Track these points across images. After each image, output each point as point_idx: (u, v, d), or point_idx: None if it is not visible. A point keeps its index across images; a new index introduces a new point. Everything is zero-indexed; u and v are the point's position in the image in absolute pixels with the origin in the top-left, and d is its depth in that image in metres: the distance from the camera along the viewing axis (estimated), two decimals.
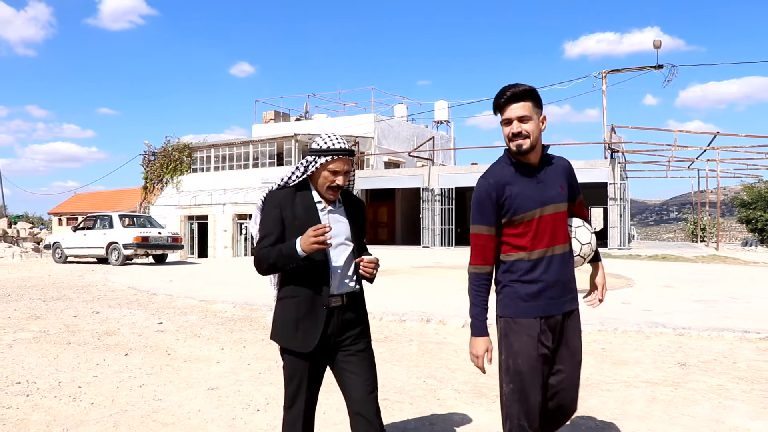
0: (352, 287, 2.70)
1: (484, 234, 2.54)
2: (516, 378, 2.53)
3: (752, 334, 6.97)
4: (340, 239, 2.67)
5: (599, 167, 22.27)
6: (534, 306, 2.53)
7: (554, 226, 2.56)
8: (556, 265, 2.55)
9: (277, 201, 2.64)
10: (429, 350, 6.36)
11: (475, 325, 2.58)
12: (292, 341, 2.61)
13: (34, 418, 4.12)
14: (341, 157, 2.62)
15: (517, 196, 2.51)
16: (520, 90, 2.49)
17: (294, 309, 2.62)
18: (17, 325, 7.65)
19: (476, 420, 4.15)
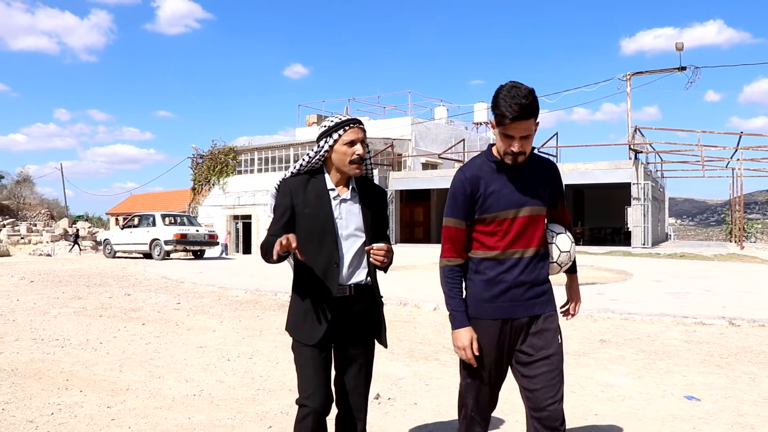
0: (362, 278, 2.63)
1: (455, 227, 2.51)
2: (472, 373, 2.55)
3: (690, 319, 7.98)
4: (350, 230, 2.62)
5: (623, 167, 22.97)
6: (496, 307, 2.49)
7: (528, 228, 2.49)
8: (524, 267, 2.49)
9: (288, 188, 2.61)
10: (392, 326, 7.63)
11: (456, 317, 2.52)
12: (299, 332, 2.61)
13: (65, 360, 5.67)
14: (352, 126, 2.57)
15: (492, 194, 2.47)
16: (529, 104, 2.35)
17: (303, 300, 2.61)
18: (63, 303, 9.41)
19: (397, 373, 5.42)
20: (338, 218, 2.61)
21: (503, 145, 2.43)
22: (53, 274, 14.46)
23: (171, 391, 4.71)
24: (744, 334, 7.21)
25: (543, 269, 2.55)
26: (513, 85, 2.38)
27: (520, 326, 2.50)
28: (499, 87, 2.40)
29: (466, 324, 2.50)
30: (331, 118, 2.64)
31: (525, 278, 2.49)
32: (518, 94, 2.33)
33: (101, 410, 4.22)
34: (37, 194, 51.16)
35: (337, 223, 2.60)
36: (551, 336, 2.52)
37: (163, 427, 3.90)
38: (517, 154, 2.42)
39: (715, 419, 4.18)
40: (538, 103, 2.40)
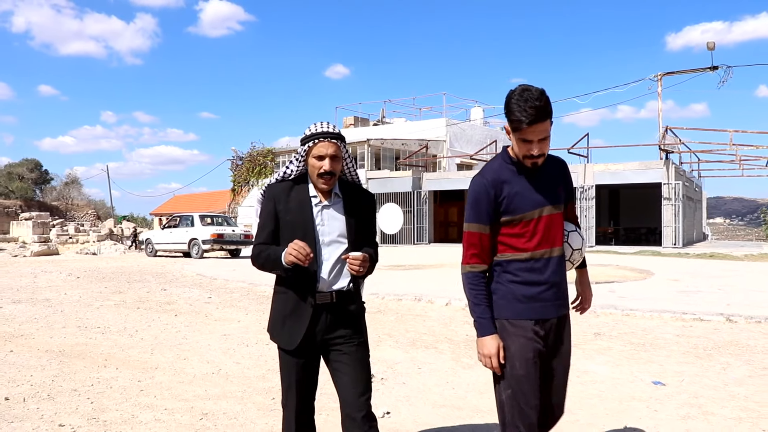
0: (343, 285, 2.64)
1: (480, 233, 2.49)
2: (513, 382, 2.47)
3: (688, 315, 8.39)
4: (332, 236, 2.63)
5: (654, 168, 23.10)
6: (531, 308, 2.48)
7: (551, 228, 2.51)
8: (553, 267, 2.51)
9: (272, 194, 2.64)
10: (403, 319, 8.29)
11: (482, 324, 2.49)
12: (278, 337, 2.66)
13: (104, 344, 6.51)
14: (323, 140, 2.56)
15: (516, 196, 2.47)
16: (543, 106, 2.35)
17: (282, 305, 2.65)
18: (105, 296, 10.37)
19: (395, 358, 6.07)
20: (319, 225, 2.62)
21: (522, 150, 2.43)
22: (98, 271, 15.60)
23: (193, 370, 5.45)
24: (738, 330, 7.59)
25: (565, 269, 2.60)
26: (524, 88, 2.38)
27: (550, 326, 2.53)
28: (509, 92, 2.40)
29: (492, 331, 2.47)
30: (310, 126, 2.63)
31: (555, 279, 2.52)
32: (531, 97, 2.33)
33: (132, 383, 4.99)
34: (85, 195, 53.29)
35: (318, 229, 2.61)
36: (569, 336, 2.62)
37: (183, 396, 4.64)
38: (538, 157, 2.44)
39: (671, 400, 4.69)
40: (551, 103, 2.40)
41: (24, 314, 8.50)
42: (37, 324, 7.71)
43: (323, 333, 2.62)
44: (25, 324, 7.72)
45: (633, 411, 4.42)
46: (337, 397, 2.67)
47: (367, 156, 34.15)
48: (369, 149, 34.06)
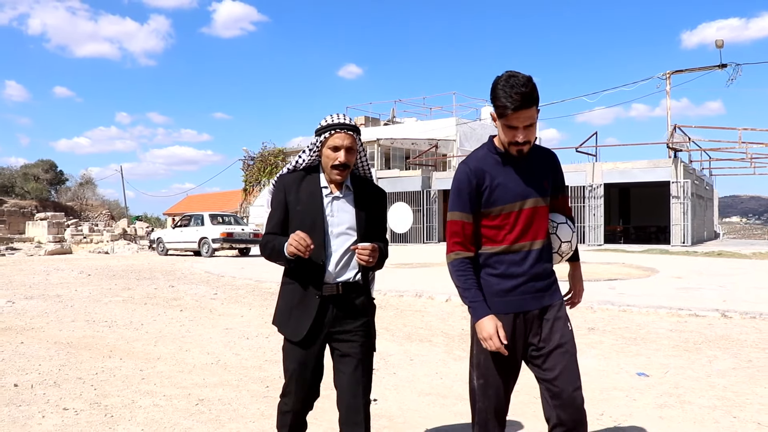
0: (350, 277, 2.62)
1: (462, 221, 2.47)
2: (486, 373, 2.51)
3: (684, 311, 8.52)
4: (341, 228, 2.63)
5: (662, 166, 23.13)
6: (508, 302, 2.47)
7: (533, 220, 2.48)
8: (533, 260, 2.48)
9: (283, 184, 2.65)
10: (402, 314, 8.50)
11: (475, 308, 2.46)
12: (285, 328, 2.65)
13: (110, 336, 6.78)
14: (339, 131, 2.57)
15: (498, 187, 2.44)
16: (529, 92, 2.32)
17: (289, 296, 2.65)
18: (114, 293, 10.68)
19: (389, 350, 6.28)
20: (329, 216, 2.62)
21: (508, 137, 2.40)
22: (108, 269, 15.97)
23: (193, 361, 5.70)
24: (732, 325, 7.72)
25: (549, 260, 2.56)
26: (510, 74, 2.35)
27: (532, 318, 2.49)
28: (495, 78, 2.38)
29: (488, 312, 2.44)
30: (326, 117, 2.63)
31: (535, 271, 2.48)
32: (517, 83, 2.31)
33: (135, 372, 5.24)
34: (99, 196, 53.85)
35: (327, 220, 2.61)
36: (562, 324, 2.52)
37: (182, 384, 4.88)
38: (523, 144, 2.40)
39: (651, 390, 4.86)
40: (537, 90, 2.37)
41: (35, 309, 8.83)
42: (48, 318, 8.02)
43: (330, 325, 2.61)
44: (36, 318, 8.03)
45: (612, 400, 4.60)
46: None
47: (377, 156, 34.38)
48: (379, 149, 34.29)
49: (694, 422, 4.09)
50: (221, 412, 4.22)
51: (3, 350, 6.06)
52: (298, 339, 2.59)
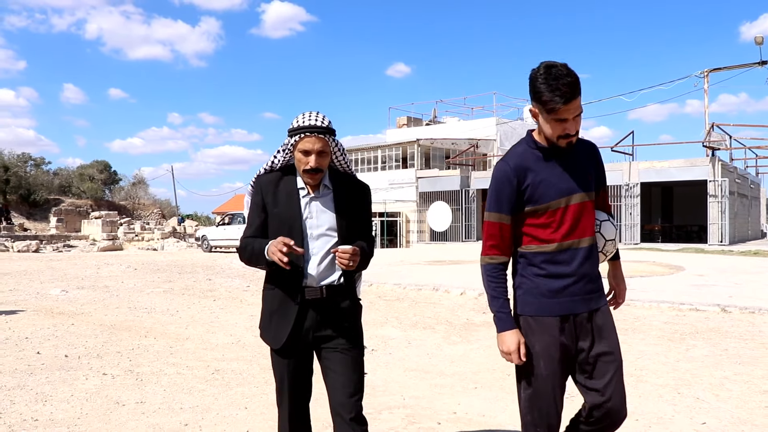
0: (333, 279, 2.53)
1: (500, 222, 2.36)
2: (535, 382, 2.36)
3: (686, 306, 8.99)
4: (321, 230, 2.53)
5: (699, 165, 23.13)
6: (557, 303, 2.34)
7: (580, 217, 2.35)
8: (581, 259, 2.35)
9: (259, 186, 2.57)
10: (415, 305, 9.22)
11: (501, 319, 2.37)
12: (266, 335, 2.59)
13: (148, 321, 7.73)
14: (309, 135, 2.45)
15: (541, 183, 2.33)
16: (574, 82, 2.23)
17: (270, 302, 2.58)
18: (156, 284, 11.74)
19: (391, 335, 7.01)
20: (308, 217, 2.52)
21: (557, 131, 2.28)
22: (154, 264, 17.20)
23: (217, 341, 6.56)
24: (728, 319, 8.16)
25: (596, 260, 2.43)
26: (548, 65, 2.24)
27: (581, 322, 2.36)
28: (533, 72, 2.27)
29: (511, 326, 2.35)
30: (297, 117, 2.52)
31: (583, 270, 2.36)
32: (560, 74, 2.20)
33: (165, 348, 6.12)
34: (151, 195, 56.00)
35: (306, 222, 2.51)
36: (610, 330, 2.41)
37: (204, 359, 5.73)
38: (574, 136, 2.31)
39: None
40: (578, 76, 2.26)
41: (85, 297, 9.93)
42: (95, 305, 9.08)
43: (313, 330, 2.52)
44: (86, 305, 9.10)
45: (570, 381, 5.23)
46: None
47: (417, 156, 35.06)
48: (419, 149, 34.96)
49: (640, 396, 4.68)
50: (232, 379, 5.04)
51: (57, 330, 7.07)
52: (278, 346, 2.52)
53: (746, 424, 4.05)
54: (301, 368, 2.58)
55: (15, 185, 43.06)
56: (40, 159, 49.53)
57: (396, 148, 36.83)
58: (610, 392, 2.35)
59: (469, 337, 6.92)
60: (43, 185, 45.98)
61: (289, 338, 2.50)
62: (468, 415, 4.20)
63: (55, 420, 3.96)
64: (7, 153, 45.27)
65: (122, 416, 4.05)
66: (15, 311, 8.48)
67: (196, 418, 4.03)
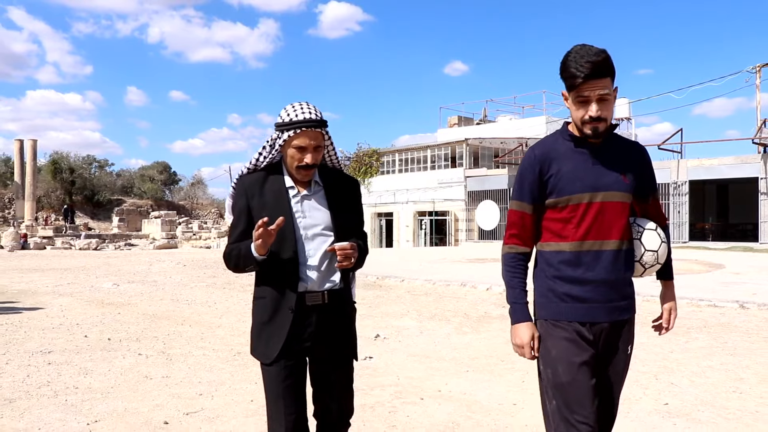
0: (333, 284, 2.38)
1: (521, 211, 2.27)
2: (557, 392, 2.20)
3: (704, 302, 9.20)
4: (316, 230, 2.37)
5: (750, 162, 22.72)
6: (575, 308, 2.20)
7: (607, 217, 2.20)
8: (605, 263, 2.19)
9: (243, 188, 2.39)
10: (440, 299, 9.73)
11: (515, 310, 2.26)
12: (256, 350, 2.42)
13: (187, 311, 8.52)
14: (306, 129, 2.29)
15: (565, 175, 2.21)
16: (602, 61, 2.11)
17: (260, 312, 2.40)
18: (200, 279, 12.64)
19: (406, 325, 7.56)
20: (300, 217, 2.36)
21: (579, 113, 2.18)
22: (203, 261, 18.21)
23: (246, 329, 7.19)
24: (744, 315, 8.36)
25: (625, 266, 2.25)
26: (582, 45, 2.17)
27: (601, 331, 2.22)
28: (567, 52, 2.19)
29: (527, 318, 2.25)
30: (288, 109, 2.35)
31: (606, 276, 2.19)
32: (589, 53, 2.12)
33: (197, 335, 6.85)
34: (209, 195, 57.99)
35: (299, 222, 2.35)
36: (624, 346, 2.30)
37: (230, 344, 6.40)
38: (597, 121, 2.15)
39: None
40: (613, 63, 2.16)
41: (134, 290, 10.87)
42: (142, 297, 9.97)
43: (311, 340, 2.35)
44: (134, 297, 10.00)
45: None
46: None
47: (466, 155, 35.38)
48: (467, 148, 35.29)
49: None
50: (250, 360, 5.66)
51: (104, 318, 7.92)
52: (268, 361, 2.33)
53: (706, 405, 4.43)
54: (296, 381, 2.37)
55: (80, 186, 45.46)
56: (103, 161, 52.14)
57: (445, 148, 37.26)
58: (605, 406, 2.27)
59: (480, 328, 7.40)
60: (106, 186, 48.38)
61: (282, 351, 2.30)
62: (451, 393, 4.71)
63: (92, 388, 4.68)
64: (73, 156, 47.80)
65: (148, 387, 4.75)
66: (69, 302, 9.43)
67: (210, 390, 4.68)
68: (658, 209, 2.42)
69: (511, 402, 4.49)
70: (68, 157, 47.03)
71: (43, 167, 43.78)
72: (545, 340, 2.26)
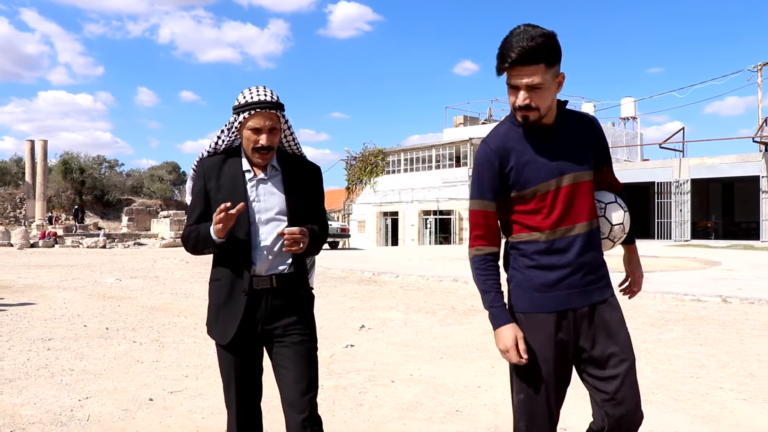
0: (284, 268, 2.42)
1: (484, 210, 2.18)
2: (526, 387, 2.18)
3: (689, 296, 9.46)
4: (270, 214, 2.40)
5: (752, 161, 22.87)
6: (551, 298, 2.15)
7: (575, 199, 2.15)
8: (579, 247, 2.15)
9: (202, 171, 2.45)
10: (431, 294, 10.04)
11: (494, 315, 2.16)
12: (212, 331, 2.48)
13: (184, 304, 8.91)
14: (260, 110, 2.33)
15: (526, 165, 2.13)
16: (531, 47, 1.99)
17: (216, 294, 2.47)
18: (200, 275, 13.06)
19: (392, 317, 7.88)
20: (255, 201, 2.41)
21: (511, 100, 2.11)
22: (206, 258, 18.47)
23: None
24: (725, 309, 8.61)
25: (598, 246, 2.22)
26: (525, 27, 2.04)
27: (581, 317, 2.17)
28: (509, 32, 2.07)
29: (507, 320, 2.16)
30: (244, 93, 2.40)
31: (582, 260, 2.16)
32: (524, 37, 2.00)
33: (191, 325, 7.20)
34: None
35: (253, 206, 2.40)
36: (618, 325, 2.21)
37: None
38: (526, 109, 2.08)
39: None
40: (553, 46, 2.04)
41: (135, 285, 11.27)
42: (142, 291, 10.35)
43: (263, 323, 2.40)
44: (134, 291, 10.39)
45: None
46: None
47: (470, 154, 35.64)
48: (471, 148, 35.54)
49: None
50: None
51: (104, 309, 8.30)
52: (225, 342, 2.41)
53: (660, 389, 4.73)
54: (250, 365, 2.47)
55: (90, 186, 46.15)
56: (113, 161, 52.93)
57: (450, 148, 37.55)
58: (622, 396, 2.15)
59: (464, 320, 7.70)
60: (116, 186, 49.05)
61: (237, 332, 2.38)
62: (421, 377, 5.02)
63: (87, 371, 5.04)
64: (83, 156, 48.50)
65: (139, 370, 5.10)
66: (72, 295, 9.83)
67: (195, 372, 5.03)
68: (613, 177, 2.39)
69: (476, 385, 4.80)
70: (78, 157, 47.75)
71: (53, 167, 44.48)
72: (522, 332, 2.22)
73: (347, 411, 4.10)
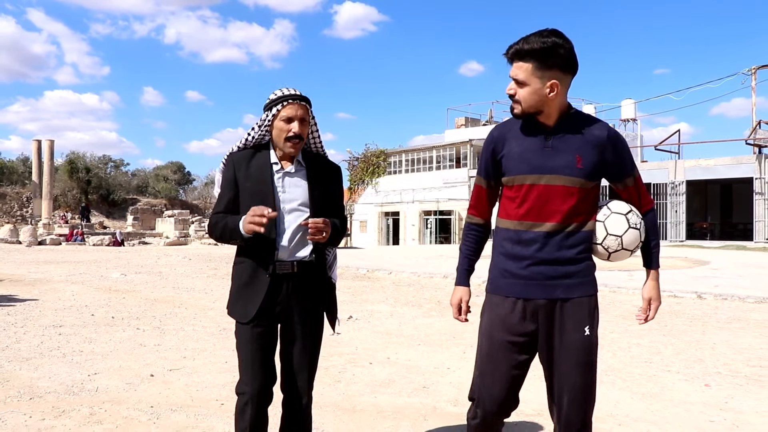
0: (305, 255, 2.59)
1: (479, 185, 2.43)
2: (480, 362, 2.38)
3: (666, 293, 9.91)
4: (294, 204, 2.59)
5: (745, 162, 23.31)
6: (510, 284, 2.29)
7: (550, 200, 2.23)
8: (544, 244, 2.25)
9: (232, 162, 2.63)
10: (421, 289, 10.56)
11: (457, 274, 2.47)
12: (233, 310, 2.64)
13: (185, 297, 9.43)
14: (291, 102, 2.55)
15: (513, 156, 2.29)
16: (525, 49, 2.19)
17: (240, 276, 2.62)
18: (202, 271, 13.63)
19: (379, 309, 8.40)
20: (280, 191, 2.59)
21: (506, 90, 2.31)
22: (207, 256, 19.16)
23: None
24: (698, 303, 9.10)
25: (573, 248, 2.26)
26: (548, 30, 2.23)
27: (536, 309, 2.27)
28: None
29: (462, 283, 2.45)
30: (275, 91, 2.62)
31: (544, 255, 2.25)
32: (529, 37, 2.21)
33: (191, 315, 7.75)
34: None
35: (279, 196, 2.57)
36: (575, 327, 2.25)
37: (218, 322, 7.28)
38: (512, 101, 2.27)
39: None
40: (555, 56, 2.18)
41: (140, 280, 11.83)
42: (146, 285, 10.91)
43: (282, 305, 2.57)
44: (139, 285, 10.95)
45: None
46: None
47: (470, 155, 36.13)
48: (471, 149, 36.03)
49: None
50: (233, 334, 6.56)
51: (110, 301, 8.85)
52: (246, 320, 2.56)
53: (614, 371, 5.23)
54: (268, 343, 2.60)
55: (96, 185, 46.77)
56: (119, 161, 53.50)
57: (450, 149, 38.05)
58: (569, 407, 2.25)
59: (447, 313, 8.20)
60: (121, 185, 49.64)
61: (258, 312, 2.53)
62: (398, 360, 5.54)
63: (95, 352, 5.59)
64: (89, 155, 49.16)
65: (142, 352, 5.64)
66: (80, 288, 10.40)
67: (193, 354, 5.56)
68: (639, 191, 2.38)
69: (446, 367, 5.31)
70: (84, 156, 48.39)
71: (60, 167, 45.11)
72: (484, 311, 2.39)
73: (325, 387, 4.61)
